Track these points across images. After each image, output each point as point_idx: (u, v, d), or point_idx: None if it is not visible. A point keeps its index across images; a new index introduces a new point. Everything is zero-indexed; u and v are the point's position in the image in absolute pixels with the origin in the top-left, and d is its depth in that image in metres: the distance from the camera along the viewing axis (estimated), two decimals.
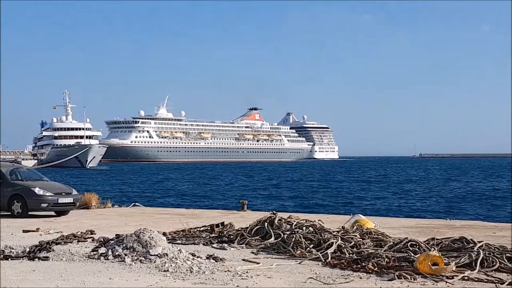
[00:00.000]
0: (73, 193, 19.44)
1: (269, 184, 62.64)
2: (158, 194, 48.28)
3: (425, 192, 49.74)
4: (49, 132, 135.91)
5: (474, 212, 32.83)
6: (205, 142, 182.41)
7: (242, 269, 9.27)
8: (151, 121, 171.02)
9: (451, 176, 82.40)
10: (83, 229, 14.09)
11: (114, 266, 9.49)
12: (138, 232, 10.51)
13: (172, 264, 9.40)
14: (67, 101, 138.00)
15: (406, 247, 10.10)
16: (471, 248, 9.75)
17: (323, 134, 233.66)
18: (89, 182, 65.67)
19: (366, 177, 79.97)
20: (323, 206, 37.39)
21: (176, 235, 13.04)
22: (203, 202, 39.50)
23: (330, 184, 63.46)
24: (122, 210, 21.65)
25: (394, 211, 33.78)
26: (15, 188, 18.63)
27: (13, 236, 13.59)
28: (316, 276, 8.72)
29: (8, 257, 10.24)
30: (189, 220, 17.06)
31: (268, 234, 11.79)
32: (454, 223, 16.83)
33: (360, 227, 12.48)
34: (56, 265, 9.66)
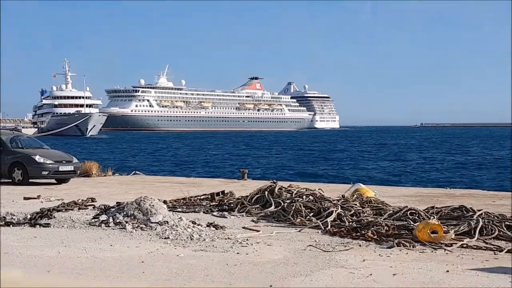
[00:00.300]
0: (73, 161, 19.47)
1: (270, 154, 62.70)
2: (158, 163, 48.37)
3: (425, 162, 49.81)
4: (49, 101, 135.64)
5: (474, 180, 32.92)
6: (206, 112, 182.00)
7: (242, 236, 9.33)
8: (151, 90, 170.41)
9: (452, 146, 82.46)
10: (84, 196, 14.13)
11: (115, 233, 9.55)
12: (139, 200, 10.55)
13: (173, 232, 9.46)
14: (66, 69, 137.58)
15: (405, 216, 10.14)
16: (471, 217, 9.80)
17: (324, 103, 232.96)
18: (90, 150, 65.74)
19: (366, 146, 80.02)
20: (323, 175, 37.47)
21: (177, 203, 13.09)
22: (203, 171, 39.58)
23: (331, 154, 63.53)
24: (123, 178, 21.70)
25: (394, 180, 33.86)
26: (16, 156, 18.65)
27: (14, 203, 13.64)
28: (315, 244, 8.78)
29: (10, 224, 10.30)
30: (189, 189, 17.11)
31: (268, 203, 11.84)
32: (454, 192, 16.87)
33: (360, 196, 12.52)
34: (57, 232, 9.72)
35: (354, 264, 7.56)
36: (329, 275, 7.05)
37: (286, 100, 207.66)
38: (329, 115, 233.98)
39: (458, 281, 6.78)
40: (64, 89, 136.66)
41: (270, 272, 7.16)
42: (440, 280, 6.79)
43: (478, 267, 7.45)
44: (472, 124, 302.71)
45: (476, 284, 6.64)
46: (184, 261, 7.69)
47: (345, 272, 7.16)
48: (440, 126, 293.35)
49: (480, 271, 7.21)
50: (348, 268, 7.39)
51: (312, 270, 7.27)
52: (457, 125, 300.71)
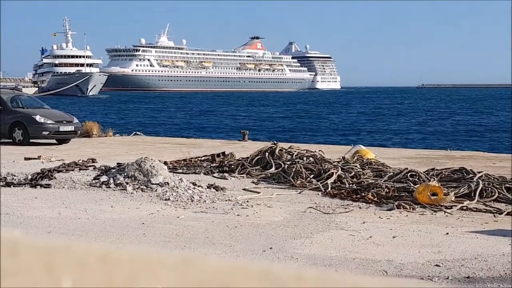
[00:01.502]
0: (74, 121, 19.41)
1: (270, 115, 62.60)
2: (159, 123, 48.34)
3: (426, 124, 49.74)
4: (50, 60, 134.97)
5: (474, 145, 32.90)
6: (206, 71, 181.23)
7: (242, 198, 9.35)
8: (152, 50, 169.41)
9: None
10: (85, 157, 14.12)
11: (116, 194, 9.56)
12: (140, 161, 10.55)
13: (173, 193, 9.47)
14: (67, 28, 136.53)
15: (406, 178, 10.15)
16: (471, 179, 9.80)
17: (325, 64, 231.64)
18: (90, 110, 65.65)
19: (369, 109, 79.89)
20: (324, 136, 37.47)
21: (177, 165, 13.08)
22: (204, 132, 39.58)
23: (331, 116, 63.45)
24: (123, 139, 21.68)
25: (394, 141, 33.85)
26: (16, 116, 18.58)
27: (15, 163, 13.64)
28: (316, 206, 8.80)
29: (10, 184, 10.31)
30: (190, 150, 17.10)
31: (269, 164, 11.84)
32: (454, 154, 16.86)
33: (361, 158, 12.51)
34: (58, 193, 9.74)
35: (354, 226, 7.59)
36: (329, 237, 7.08)
37: (287, 60, 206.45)
38: (330, 76, 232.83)
39: (457, 243, 6.81)
40: (65, 48, 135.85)
41: (270, 234, 7.19)
42: (440, 243, 6.82)
43: (477, 229, 7.48)
44: (472, 85, 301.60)
45: (475, 247, 6.67)
46: (184, 222, 7.72)
47: (345, 234, 7.19)
48: (441, 87, 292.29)
49: (479, 234, 7.23)
50: (348, 230, 7.41)
51: (312, 232, 7.29)
52: (458, 85, 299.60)
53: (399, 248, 6.59)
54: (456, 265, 6.02)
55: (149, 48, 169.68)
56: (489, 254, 6.37)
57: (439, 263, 6.04)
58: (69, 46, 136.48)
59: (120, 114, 61.20)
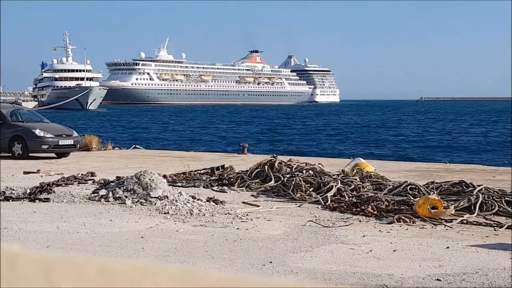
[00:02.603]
0: (73, 135, 19.41)
1: (270, 128, 62.62)
2: (158, 137, 48.32)
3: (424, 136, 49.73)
4: (50, 74, 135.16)
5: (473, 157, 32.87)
6: (206, 85, 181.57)
7: (242, 212, 9.32)
8: (151, 63, 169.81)
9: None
10: (84, 171, 14.11)
11: (115, 208, 9.54)
12: (139, 174, 10.53)
13: (173, 207, 9.44)
14: (67, 42, 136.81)
15: (405, 191, 10.13)
16: (470, 192, 9.78)
17: (324, 77, 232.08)
18: (90, 124, 65.65)
19: (366, 122, 79.91)
20: (323, 149, 37.45)
21: (177, 178, 13.07)
22: (203, 145, 39.56)
23: (329, 128, 63.47)
24: (123, 152, 21.67)
25: (393, 155, 33.83)
26: (16, 130, 18.57)
27: (14, 177, 13.61)
28: (315, 219, 8.77)
29: (9, 198, 10.28)
30: (189, 163, 17.08)
31: (268, 177, 11.82)
32: (454, 167, 16.84)
33: (360, 171, 12.50)
34: (57, 207, 9.71)
35: (354, 240, 7.56)
36: (329, 251, 7.05)
37: (286, 73, 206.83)
38: (329, 89, 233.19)
39: (458, 257, 6.78)
40: (65, 62, 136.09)
41: (270, 247, 7.16)
42: (440, 256, 6.79)
43: (478, 243, 7.45)
44: (471, 99, 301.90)
45: (476, 261, 6.64)
46: (183, 236, 7.69)
47: (345, 248, 7.16)
48: (440, 100, 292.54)
49: (480, 248, 7.20)
50: (348, 244, 7.38)
51: (312, 246, 7.26)
52: (456, 99, 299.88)
53: (400, 262, 6.56)
54: (457, 279, 5.99)
55: (149, 62, 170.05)
56: (490, 268, 6.34)
57: (440, 277, 6.01)
58: (69, 60, 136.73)
59: (119, 127, 61.21)
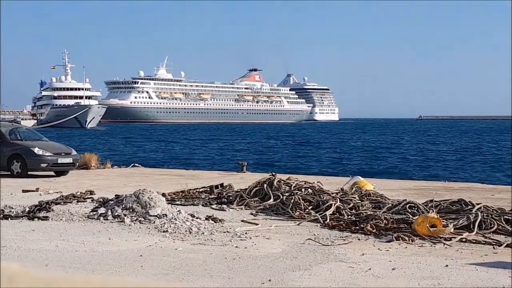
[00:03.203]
0: (72, 153, 19.42)
1: (269, 146, 62.66)
2: (157, 155, 48.33)
3: (424, 154, 49.75)
4: (49, 92, 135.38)
5: (473, 175, 32.88)
6: (205, 103, 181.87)
7: (241, 230, 9.31)
8: (150, 82, 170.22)
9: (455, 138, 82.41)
10: (83, 189, 14.10)
11: (114, 226, 9.52)
12: (138, 192, 10.53)
13: (172, 225, 9.43)
14: (66, 61, 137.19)
15: (404, 209, 10.13)
16: (470, 210, 9.78)
17: (323, 95, 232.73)
18: (89, 142, 65.68)
19: (366, 140, 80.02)
20: (322, 167, 37.45)
21: (176, 196, 13.06)
22: (202, 164, 39.55)
23: (328, 146, 63.50)
24: (122, 171, 21.66)
25: (392, 173, 33.83)
26: (15, 148, 18.59)
27: (13, 195, 13.61)
28: (314, 238, 8.76)
29: (8, 217, 10.27)
30: (188, 181, 17.08)
31: (267, 196, 11.81)
32: (453, 185, 16.85)
33: (359, 189, 12.50)
34: (56, 225, 9.69)
35: (353, 258, 7.55)
36: (328, 269, 7.03)
37: (285, 92, 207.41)
38: (328, 107, 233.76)
39: (457, 276, 6.77)
40: (64, 81, 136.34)
41: (269, 266, 7.15)
42: (440, 275, 6.78)
43: (477, 261, 7.43)
44: (470, 117, 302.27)
45: (475, 279, 6.63)
46: (182, 254, 7.68)
47: (344, 266, 7.15)
48: (439, 119, 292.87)
49: (479, 266, 7.19)
50: (347, 262, 7.37)
51: (311, 264, 7.25)
52: (455, 117, 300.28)
53: (399, 280, 6.54)
54: None
55: (148, 80, 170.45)
56: (489, 287, 6.33)
57: None
58: (68, 78, 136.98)
59: (118, 146, 61.22)
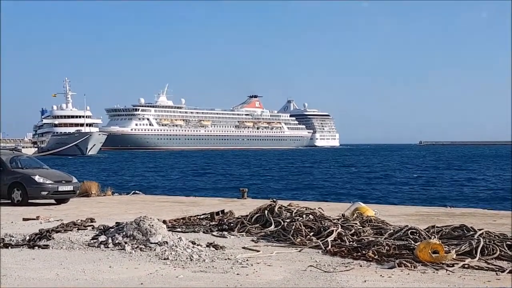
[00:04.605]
0: (73, 181, 19.42)
1: (269, 173, 62.62)
2: (158, 182, 48.29)
3: (427, 181, 49.72)
4: (49, 120, 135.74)
5: (475, 201, 32.83)
6: (205, 130, 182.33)
7: (242, 257, 9.26)
8: (151, 109, 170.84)
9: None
10: (83, 217, 14.08)
11: (114, 254, 9.48)
12: (138, 220, 10.50)
13: (172, 252, 9.40)
14: (67, 88, 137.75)
15: (406, 235, 10.08)
16: (472, 236, 9.74)
17: (324, 121, 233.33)
18: (89, 170, 65.67)
19: (367, 165, 79.98)
20: (324, 194, 37.40)
21: (176, 223, 13.03)
22: (203, 190, 39.50)
23: (330, 172, 63.47)
24: (122, 198, 21.64)
25: (394, 198, 33.78)
26: (15, 176, 18.60)
27: (13, 224, 13.58)
28: (316, 264, 8.72)
29: (8, 245, 10.24)
30: (189, 208, 17.05)
31: (268, 222, 11.78)
32: (454, 211, 16.82)
33: (360, 215, 12.47)
34: (56, 253, 9.65)
35: (356, 285, 7.50)
36: None
37: (285, 118, 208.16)
38: (329, 133, 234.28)
39: None
40: (65, 109, 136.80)
41: None
42: None
43: None
44: (470, 142, 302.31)
45: None
46: (183, 282, 7.64)
47: None
48: (439, 144, 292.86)
49: None
50: None
51: None
52: (456, 143, 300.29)
53: None
54: None
55: (149, 107, 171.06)
56: None
57: None
58: (69, 106, 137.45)
59: (119, 173, 61.19)
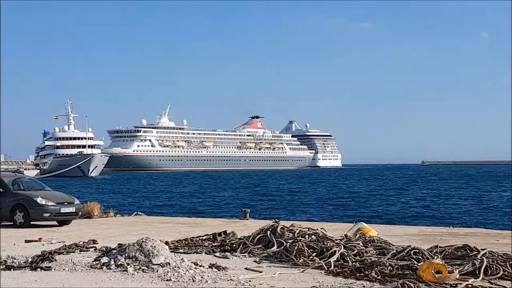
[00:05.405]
0: (75, 202, 19.43)
1: (271, 193, 62.56)
2: (160, 203, 48.26)
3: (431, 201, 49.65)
4: (51, 142, 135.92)
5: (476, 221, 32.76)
6: (207, 151, 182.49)
7: (244, 278, 9.25)
8: (153, 130, 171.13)
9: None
10: (85, 238, 14.07)
11: (117, 276, 9.47)
12: (141, 241, 10.49)
13: (175, 273, 9.38)
14: (69, 110, 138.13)
15: (409, 255, 10.06)
16: (475, 256, 9.71)
17: (326, 142, 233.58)
18: (92, 191, 65.66)
19: (368, 185, 79.91)
20: (326, 214, 37.34)
21: (179, 244, 13.01)
22: (205, 212, 39.46)
23: (332, 193, 63.41)
24: (125, 219, 21.63)
25: (397, 219, 33.71)
26: (17, 198, 18.61)
27: (15, 246, 13.57)
28: (319, 285, 8.70)
29: (10, 268, 10.22)
30: (191, 229, 17.04)
31: (271, 243, 11.76)
32: (457, 231, 16.79)
33: (363, 235, 12.44)
34: (58, 275, 9.64)
35: None
36: None
37: (287, 138, 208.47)
38: (331, 154, 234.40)
39: None
40: (67, 130, 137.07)
41: None
42: None
43: None
44: (472, 162, 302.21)
45: None
46: None
47: None
48: (441, 164, 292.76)
49: None
50: None
51: None
52: (458, 163, 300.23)
53: None
54: None
55: (150, 128, 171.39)
56: None
57: None
58: (71, 128, 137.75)
59: (121, 194, 61.17)
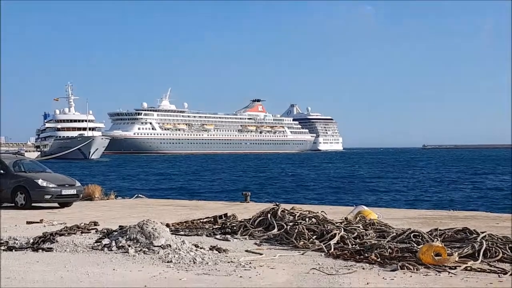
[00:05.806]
0: (76, 184, 19.47)
1: (272, 176, 62.63)
2: (161, 186, 48.34)
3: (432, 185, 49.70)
4: (52, 124, 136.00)
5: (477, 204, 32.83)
6: (208, 134, 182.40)
7: (245, 260, 9.29)
8: (153, 113, 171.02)
9: None
10: (87, 220, 14.11)
11: (118, 257, 9.52)
12: (142, 223, 10.53)
13: (175, 255, 9.42)
14: (69, 93, 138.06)
15: (409, 238, 10.10)
16: (474, 239, 9.75)
17: (327, 125, 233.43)
18: (92, 173, 65.75)
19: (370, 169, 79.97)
20: (326, 197, 37.41)
21: (179, 227, 13.06)
22: (206, 194, 39.53)
23: (332, 174, 63.47)
24: (125, 202, 21.67)
25: (398, 202, 33.77)
26: (18, 180, 18.66)
27: (17, 227, 13.62)
28: (319, 267, 8.74)
29: (12, 248, 10.27)
30: (192, 211, 17.09)
31: (271, 225, 11.80)
32: (457, 214, 16.82)
33: (363, 218, 12.48)
34: (60, 256, 9.69)
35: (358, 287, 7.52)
36: None
37: (288, 122, 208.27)
38: (332, 137, 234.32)
39: None
40: (67, 113, 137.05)
41: None
42: None
43: None
44: (473, 146, 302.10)
45: None
46: (186, 285, 7.66)
47: None
48: (442, 148, 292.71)
49: None
50: None
51: None
52: (459, 146, 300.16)
53: None
54: None
55: (151, 111, 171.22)
56: None
57: None
58: (72, 110, 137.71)
59: (122, 177, 61.25)
